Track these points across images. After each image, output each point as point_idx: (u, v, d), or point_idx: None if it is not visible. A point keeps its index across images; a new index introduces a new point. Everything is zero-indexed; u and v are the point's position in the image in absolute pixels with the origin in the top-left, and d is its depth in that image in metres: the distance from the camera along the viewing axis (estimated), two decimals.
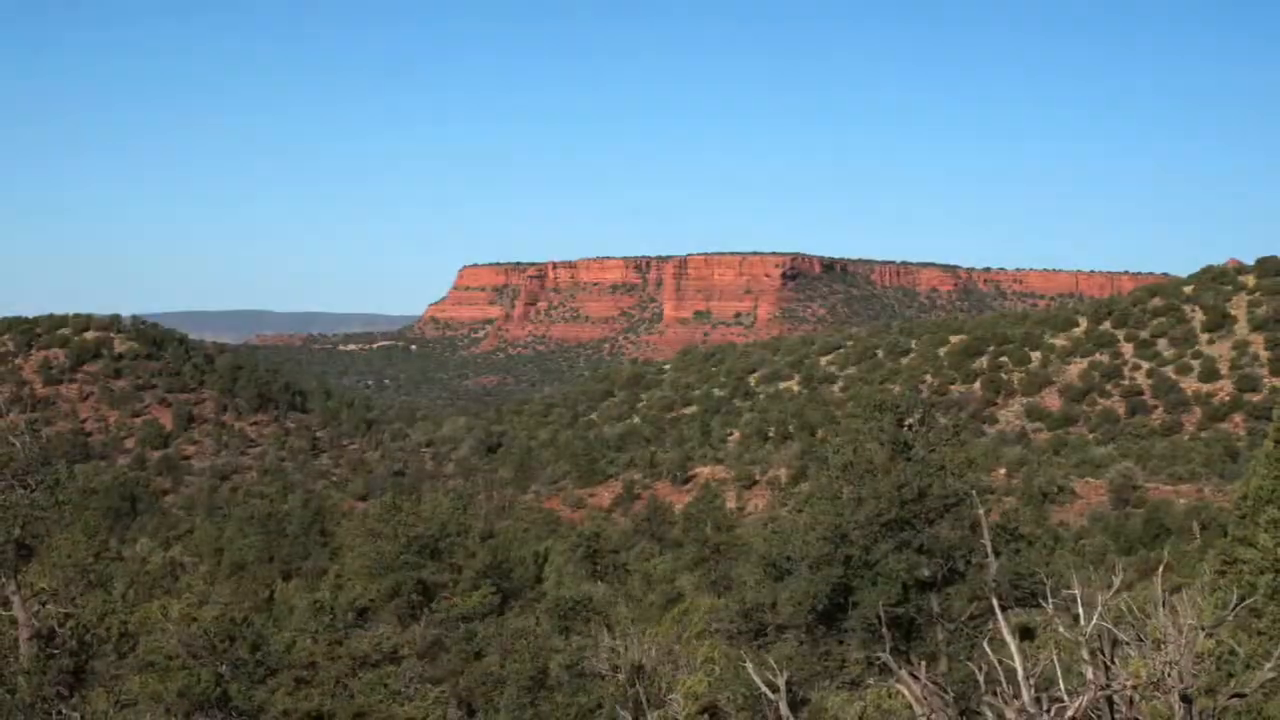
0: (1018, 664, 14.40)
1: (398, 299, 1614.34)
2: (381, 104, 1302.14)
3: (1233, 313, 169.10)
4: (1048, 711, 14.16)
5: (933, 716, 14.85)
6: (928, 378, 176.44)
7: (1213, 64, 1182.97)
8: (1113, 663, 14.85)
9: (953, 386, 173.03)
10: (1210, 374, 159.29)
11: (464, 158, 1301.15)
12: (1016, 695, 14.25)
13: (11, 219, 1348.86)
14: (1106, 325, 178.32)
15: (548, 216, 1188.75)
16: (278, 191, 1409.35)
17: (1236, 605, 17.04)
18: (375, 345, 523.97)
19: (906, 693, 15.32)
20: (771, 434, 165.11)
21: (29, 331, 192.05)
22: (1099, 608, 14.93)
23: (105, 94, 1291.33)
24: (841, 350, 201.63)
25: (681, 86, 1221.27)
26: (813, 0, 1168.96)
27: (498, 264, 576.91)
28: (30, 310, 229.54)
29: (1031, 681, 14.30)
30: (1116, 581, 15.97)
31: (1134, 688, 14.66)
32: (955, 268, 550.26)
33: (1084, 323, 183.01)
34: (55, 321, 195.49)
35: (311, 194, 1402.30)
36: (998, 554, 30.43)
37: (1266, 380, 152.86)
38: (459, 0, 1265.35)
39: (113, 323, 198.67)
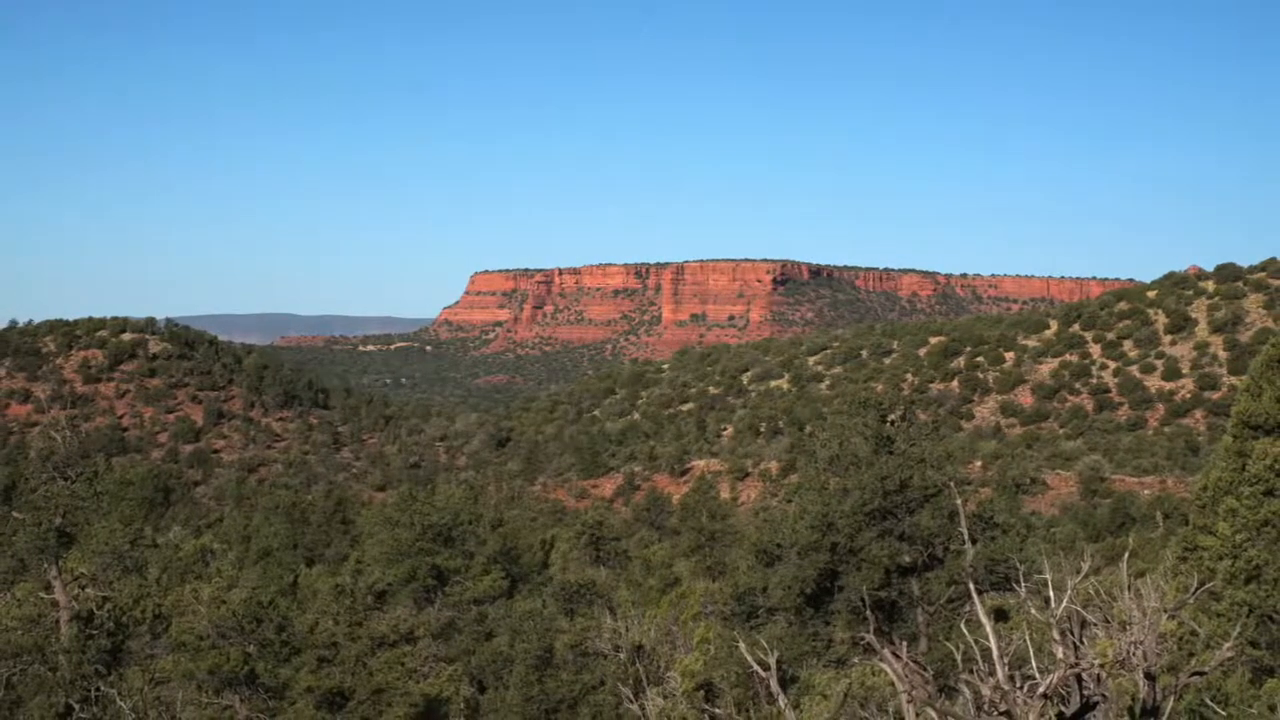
0: (993, 644, 14.39)
1: (413, 303, 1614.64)
2: (397, 119, 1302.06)
3: (1194, 316, 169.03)
4: (1021, 688, 14.16)
5: (913, 693, 14.84)
6: (909, 377, 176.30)
7: (1182, 75, 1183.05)
8: (1081, 643, 14.85)
9: (932, 385, 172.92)
10: (1173, 373, 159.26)
11: (476, 169, 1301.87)
12: (992, 673, 14.24)
13: (52, 228, 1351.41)
14: (1076, 328, 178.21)
15: (554, 225, 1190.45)
16: (300, 202, 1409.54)
17: (1197, 589, 17.07)
18: (393, 346, 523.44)
19: (889, 671, 15.31)
20: (763, 429, 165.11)
21: (69, 333, 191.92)
22: (1069, 591, 14.93)
23: (131, 108, 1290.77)
24: (828, 351, 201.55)
25: (680, 104, 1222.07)
26: (808, 20, 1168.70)
27: (507, 270, 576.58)
28: (71, 313, 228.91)
29: (1006, 660, 14.29)
30: (1085, 567, 15.97)
31: (1101, 666, 14.66)
32: (934, 274, 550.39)
33: (1055, 325, 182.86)
34: (94, 324, 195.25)
35: (333, 204, 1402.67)
36: (974, 541, 30.43)
37: (1225, 379, 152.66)
38: (472, 17, 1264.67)
39: (148, 325, 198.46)
